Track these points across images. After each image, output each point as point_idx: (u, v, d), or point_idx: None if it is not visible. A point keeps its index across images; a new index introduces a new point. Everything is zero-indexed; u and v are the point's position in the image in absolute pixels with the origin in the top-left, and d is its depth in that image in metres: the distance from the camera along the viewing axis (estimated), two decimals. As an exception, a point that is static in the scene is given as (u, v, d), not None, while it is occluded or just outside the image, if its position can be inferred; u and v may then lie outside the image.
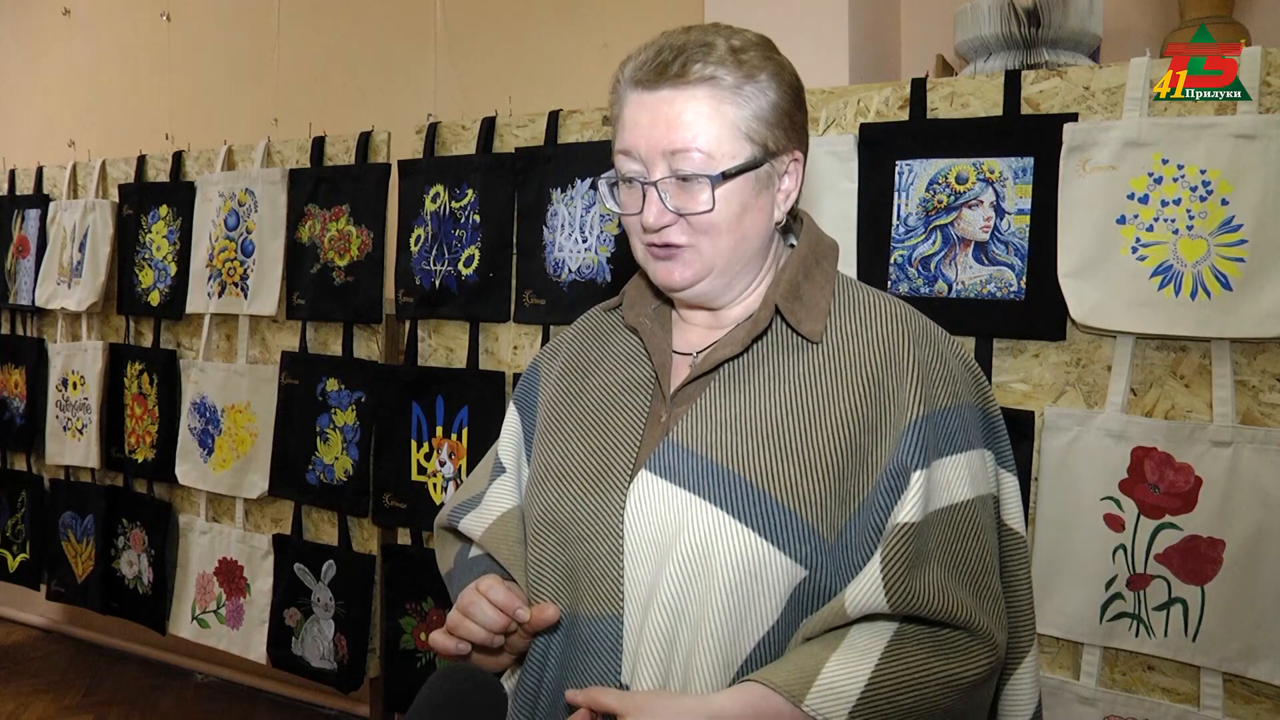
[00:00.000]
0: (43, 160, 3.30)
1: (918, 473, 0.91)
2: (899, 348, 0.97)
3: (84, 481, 3.07)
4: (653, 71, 0.96)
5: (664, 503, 0.94)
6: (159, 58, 3.67)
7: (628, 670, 0.94)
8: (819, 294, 1.01)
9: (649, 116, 0.96)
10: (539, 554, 1.02)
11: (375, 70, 3.19)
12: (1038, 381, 1.66)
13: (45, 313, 3.18)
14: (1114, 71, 1.61)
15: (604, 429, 1.03)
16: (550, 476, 1.05)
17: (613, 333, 1.13)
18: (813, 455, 0.93)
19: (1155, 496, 1.55)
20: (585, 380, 1.10)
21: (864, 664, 0.87)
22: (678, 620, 0.91)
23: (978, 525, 0.95)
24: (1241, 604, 1.49)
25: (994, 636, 0.91)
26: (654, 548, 0.94)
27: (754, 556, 0.90)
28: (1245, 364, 1.52)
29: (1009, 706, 1.02)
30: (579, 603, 0.98)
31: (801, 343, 0.99)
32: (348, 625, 2.43)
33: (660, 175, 0.96)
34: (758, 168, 0.97)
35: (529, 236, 2.17)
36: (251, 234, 2.62)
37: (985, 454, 0.99)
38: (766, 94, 0.97)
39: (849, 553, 0.92)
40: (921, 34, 2.49)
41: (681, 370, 1.04)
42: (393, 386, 2.35)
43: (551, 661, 1.00)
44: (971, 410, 0.99)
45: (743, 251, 1.00)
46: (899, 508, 0.90)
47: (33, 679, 3.54)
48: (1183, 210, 1.54)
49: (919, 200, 1.73)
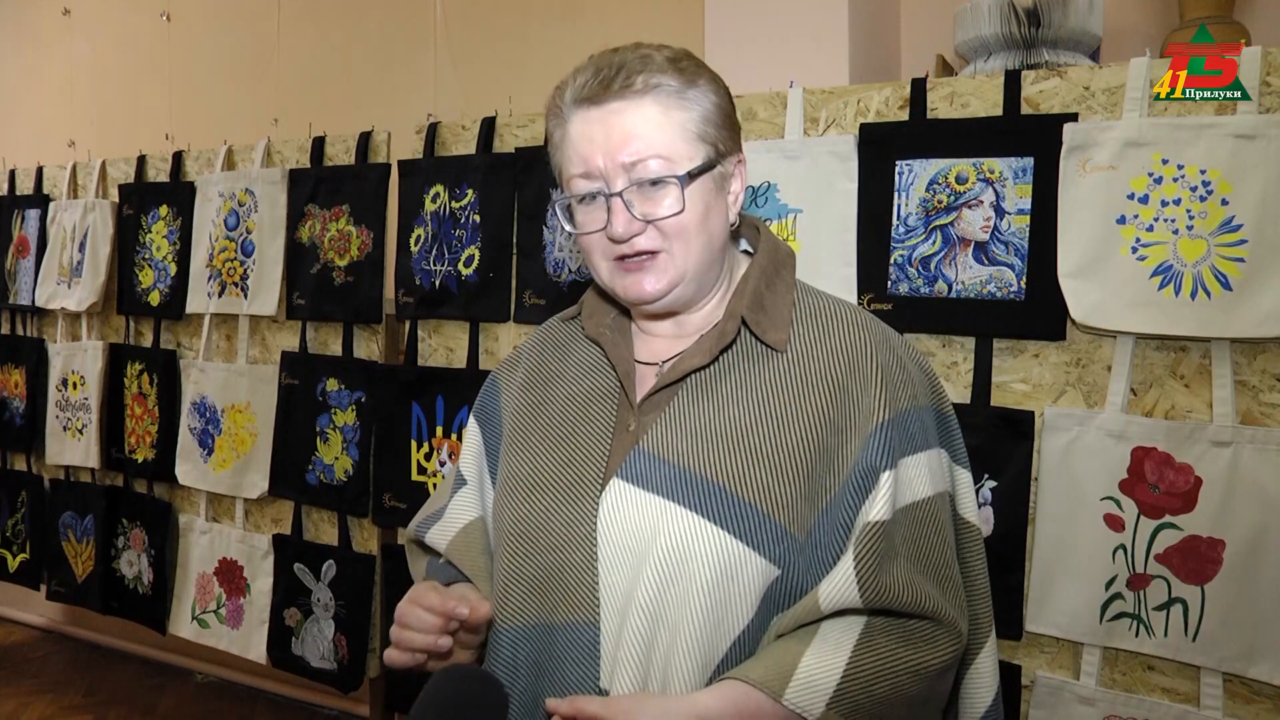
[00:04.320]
0: (43, 160, 3.30)
1: (886, 473, 0.94)
2: (861, 354, 1.00)
3: (84, 481, 3.07)
4: (597, 88, 0.97)
5: (637, 509, 0.96)
6: (159, 58, 3.67)
7: (606, 675, 0.95)
8: (781, 303, 1.04)
9: (602, 130, 0.97)
10: (509, 565, 1.02)
11: (375, 70, 3.19)
12: (1038, 381, 1.66)
13: (45, 313, 3.18)
14: (1114, 71, 1.61)
15: (572, 439, 1.04)
16: (520, 488, 1.05)
17: (572, 342, 1.14)
18: (782, 459, 0.95)
19: (1155, 496, 1.55)
20: (549, 390, 1.11)
21: (838, 656, 0.90)
22: (656, 623, 0.93)
23: (938, 520, 0.99)
24: (1241, 604, 1.49)
25: (958, 625, 0.96)
26: (629, 553, 0.95)
27: (730, 558, 0.92)
28: (1245, 364, 1.52)
29: (971, 691, 1.05)
30: (553, 612, 0.98)
31: (766, 351, 1.01)
32: (348, 625, 2.43)
33: (622, 186, 0.97)
34: (714, 168, 1.00)
35: (529, 236, 2.17)
36: (251, 234, 2.62)
37: (941, 452, 1.03)
38: (709, 97, 1.00)
39: (818, 550, 0.94)
40: (921, 34, 2.49)
41: (646, 379, 1.05)
42: (393, 386, 2.35)
43: (522, 672, 1.00)
44: (928, 412, 1.03)
45: (710, 254, 1.02)
46: (869, 506, 0.94)
47: (33, 679, 3.54)
48: (1183, 210, 1.54)
49: (919, 200, 1.73)
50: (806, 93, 1.86)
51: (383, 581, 2.40)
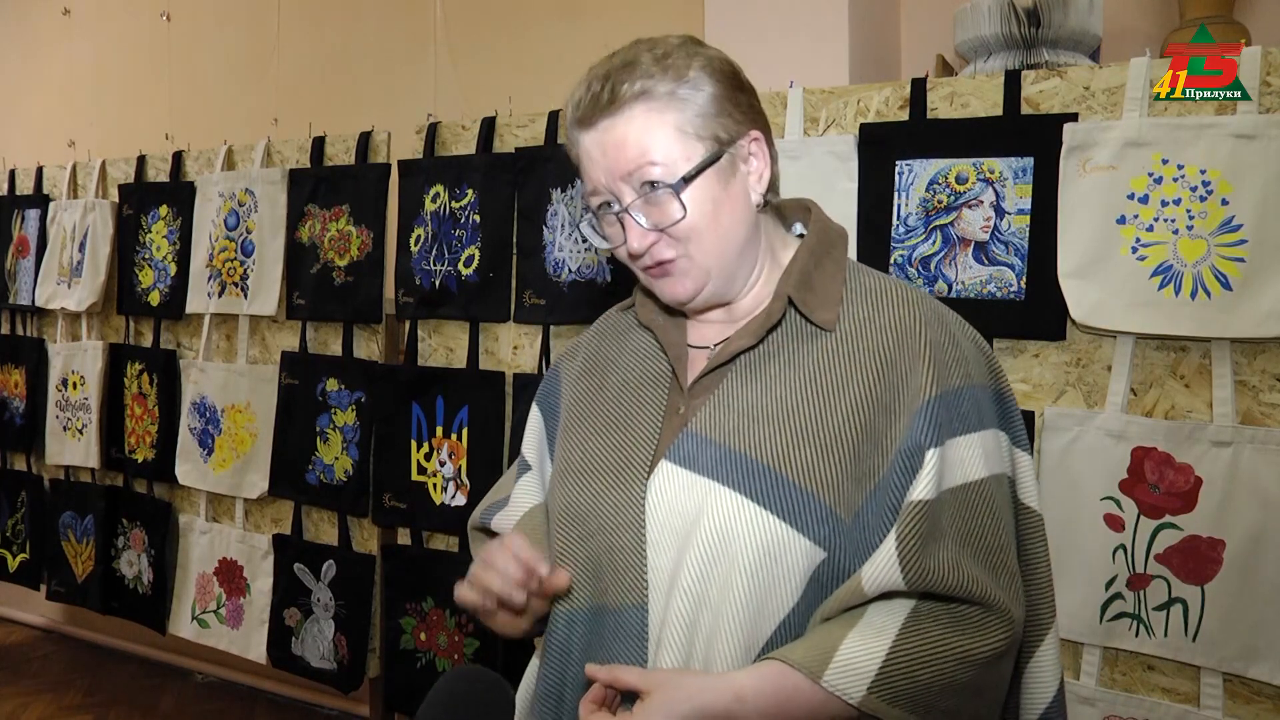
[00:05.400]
0: (43, 160, 3.30)
1: (931, 451, 0.92)
2: (911, 330, 0.98)
3: (84, 481, 3.07)
4: (588, 108, 0.99)
5: (684, 490, 0.96)
6: (159, 58, 3.67)
7: (651, 656, 0.95)
8: (830, 282, 1.03)
9: (598, 149, 0.99)
10: (562, 547, 1.03)
11: (375, 70, 3.18)
12: (1038, 381, 1.66)
13: (45, 313, 3.18)
14: (1114, 71, 1.61)
15: (624, 423, 1.06)
16: (572, 472, 1.07)
17: (628, 330, 1.16)
18: (829, 439, 0.94)
19: (1155, 496, 1.55)
20: (605, 377, 1.12)
21: (881, 640, 0.89)
22: (699, 605, 0.93)
23: (992, 503, 0.96)
24: (1241, 604, 1.49)
25: (1010, 611, 0.92)
26: (675, 535, 0.95)
27: (774, 539, 0.92)
28: (1245, 364, 1.52)
29: (1032, 683, 1.03)
30: (604, 594, 0.99)
31: (815, 331, 1.01)
32: (348, 625, 2.43)
33: (630, 200, 0.98)
34: (716, 161, 0.99)
35: (529, 236, 2.17)
36: (251, 234, 2.62)
37: (999, 434, 1.00)
38: (702, 89, 0.99)
39: (866, 533, 0.93)
40: (921, 34, 2.49)
41: (698, 364, 1.06)
42: (393, 386, 2.35)
43: (574, 655, 1.00)
44: (984, 390, 1.00)
45: (731, 246, 1.01)
46: (913, 486, 0.92)
47: (33, 679, 3.54)
48: (1183, 210, 1.54)
49: (919, 200, 1.73)
50: (806, 92, 1.86)
51: (382, 581, 2.40)
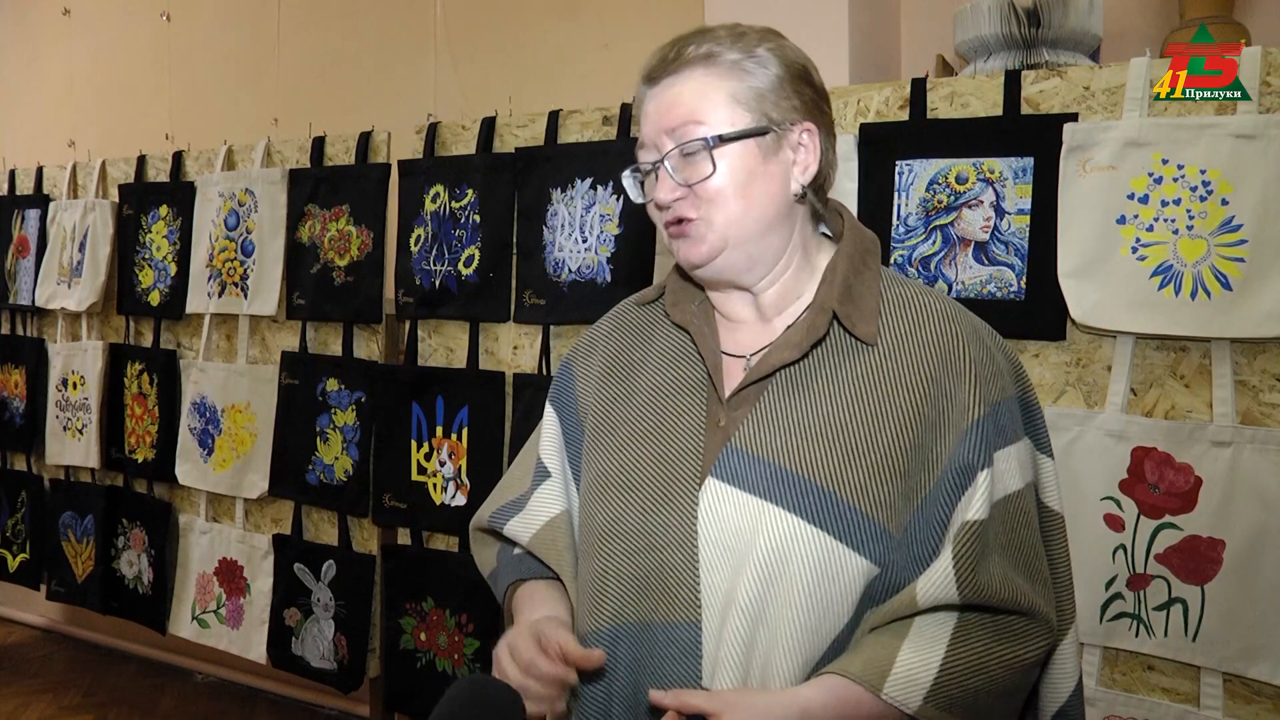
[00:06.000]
0: (43, 160, 3.30)
1: (984, 472, 0.94)
2: (953, 348, 0.99)
3: (84, 481, 3.07)
4: (656, 67, 1.01)
5: (736, 510, 0.95)
6: (159, 58, 3.67)
7: (708, 674, 0.95)
8: (868, 293, 1.02)
9: (654, 104, 1.01)
10: (604, 564, 1.01)
11: (375, 70, 3.19)
12: (1038, 381, 1.66)
13: (45, 313, 3.18)
14: (1114, 71, 1.61)
15: (662, 434, 1.03)
16: (612, 486, 1.04)
17: (655, 328, 1.12)
18: (878, 456, 0.94)
19: (1155, 496, 1.55)
20: (633, 381, 1.09)
21: (934, 651, 0.91)
22: (756, 624, 0.93)
23: (1028, 513, 0.99)
24: (1241, 604, 1.49)
25: (1050, 619, 0.96)
26: (729, 554, 0.95)
27: (830, 559, 0.92)
28: (1245, 364, 1.52)
29: (1052, 680, 1.04)
30: (653, 611, 0.98)
31: (856, 345, 1.00)
32: (348, 625, 2.43)
33: (668, 150, 0.99)
34: (760, 136, 0.98)
35: (529, 236, 2.17)
36: (251, 234, 2.62)
37: (1027, 442, 1.02)
38: (767, 68, 0.99)
39: (915, 547, 0.94)
40: (921, 34, 2.49)
41: (734, 373, 1.04)
42: (393, 386, 2.35)
43: (620, 671, 0.99)
44: (1015, 401, 1.02)
45: (754, 221, 0.99)
46: (965, 504, 0.94)
47: (33, 679, 3.54)
48: (1183, 210, 1.54)
49: (919, 200, 1.73)
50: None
51: (382, 581, 2.40)
